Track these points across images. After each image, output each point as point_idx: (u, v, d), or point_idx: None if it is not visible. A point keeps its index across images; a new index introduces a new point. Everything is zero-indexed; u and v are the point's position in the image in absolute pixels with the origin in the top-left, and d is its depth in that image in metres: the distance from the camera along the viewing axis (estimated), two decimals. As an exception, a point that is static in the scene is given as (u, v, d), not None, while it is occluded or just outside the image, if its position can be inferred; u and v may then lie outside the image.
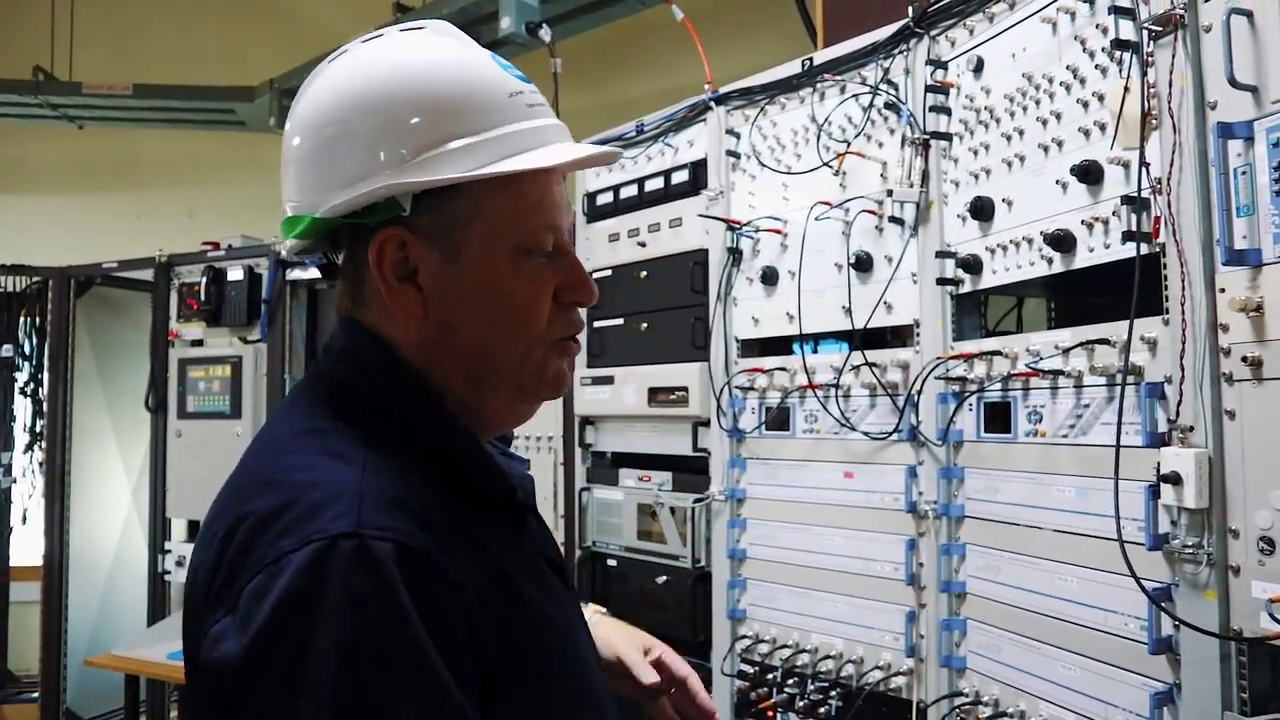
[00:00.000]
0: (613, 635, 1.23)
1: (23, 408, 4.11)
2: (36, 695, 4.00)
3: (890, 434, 1.93)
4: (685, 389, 2.43)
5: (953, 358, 1.81)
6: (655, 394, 2.51)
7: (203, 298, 3.56)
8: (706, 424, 2.39)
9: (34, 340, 4.08)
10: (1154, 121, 1.40)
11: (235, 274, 3.53)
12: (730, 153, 2.37)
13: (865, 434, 1.99)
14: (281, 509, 0.72)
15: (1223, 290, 1.30)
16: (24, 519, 4.09)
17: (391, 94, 0.86)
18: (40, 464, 4.04)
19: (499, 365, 0.90)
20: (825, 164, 2.09)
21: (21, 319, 4.09)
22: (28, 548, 4.14)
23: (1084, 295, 1.93)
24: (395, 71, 0.87)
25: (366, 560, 0.68)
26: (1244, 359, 1.26)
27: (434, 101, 0.86)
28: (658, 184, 2.57)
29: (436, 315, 0.88)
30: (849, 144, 2.05)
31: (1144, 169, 1.40)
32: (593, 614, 1.23)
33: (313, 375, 0.95)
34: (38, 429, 4.06)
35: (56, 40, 4.65)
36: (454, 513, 0.81)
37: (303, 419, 0.86)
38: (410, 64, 0.88)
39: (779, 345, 2.27)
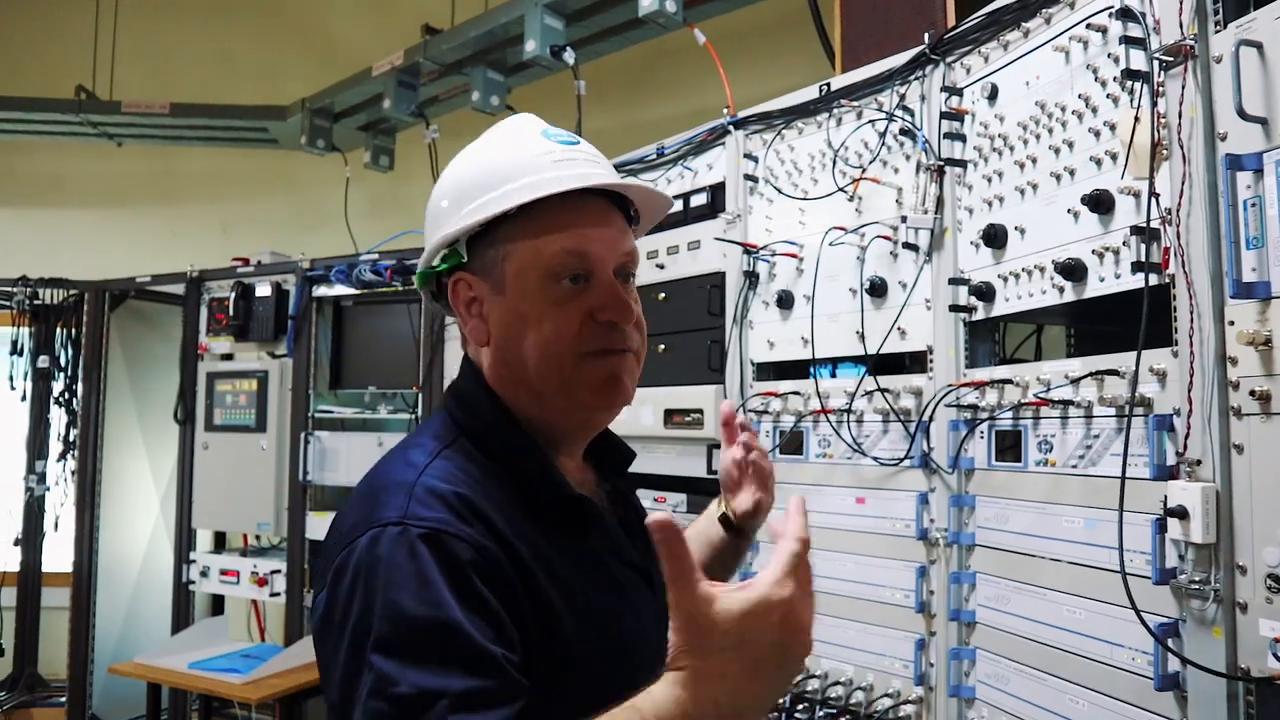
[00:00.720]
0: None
1: (57, 417, 4.19)
2: (64, 700, 4.07)
3: (901, 460, 1.93)
4: (701, 411, 2.44)
5: (964, 385, 1.81)
6: (671, 415, 2.52)
7: (231, 313, 3.63)
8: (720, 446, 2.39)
9: (69, 352, 4.17)
10: (1164, 152, 1.39)
11: (263, 290, 3.59)
12: (748, 176, 2.38)
13: (876, 460, 1.98)
14: (361, 514, 0.93)
15: (1231, 323, 1.29)
16: (56, 526, 4.17)
17: (452, 173, 1.10)
18: (73, 472, 4.13)
19: (545, 380, 1.03)
20: (840, 189, 2.09)
21: (58, 331, 4.19)
22: (60, 554, 4.22)
23: (1103, 323, 1.91)
24: (468, 156, 1.11)
25: (404, 540, 0.87)
26: (1252, 393, 1.25)
27: (476, 169, 1.08)
28: (677, 207, 2.59)
29: (496, 340, 1.06)
30: (863, 170, 2.06)
31: (1154, 199, 1.39)
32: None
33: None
34: (71, 438, 4.14)
35: (98, 60, 4.77)
36: (505, 503, 0.96)
37: (413, 435, 1.09)
38: (472, 147, 1.12)
39: (796, 369, 2.27)
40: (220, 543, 3.96)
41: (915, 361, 2.03)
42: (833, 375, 2.22)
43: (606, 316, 1.02)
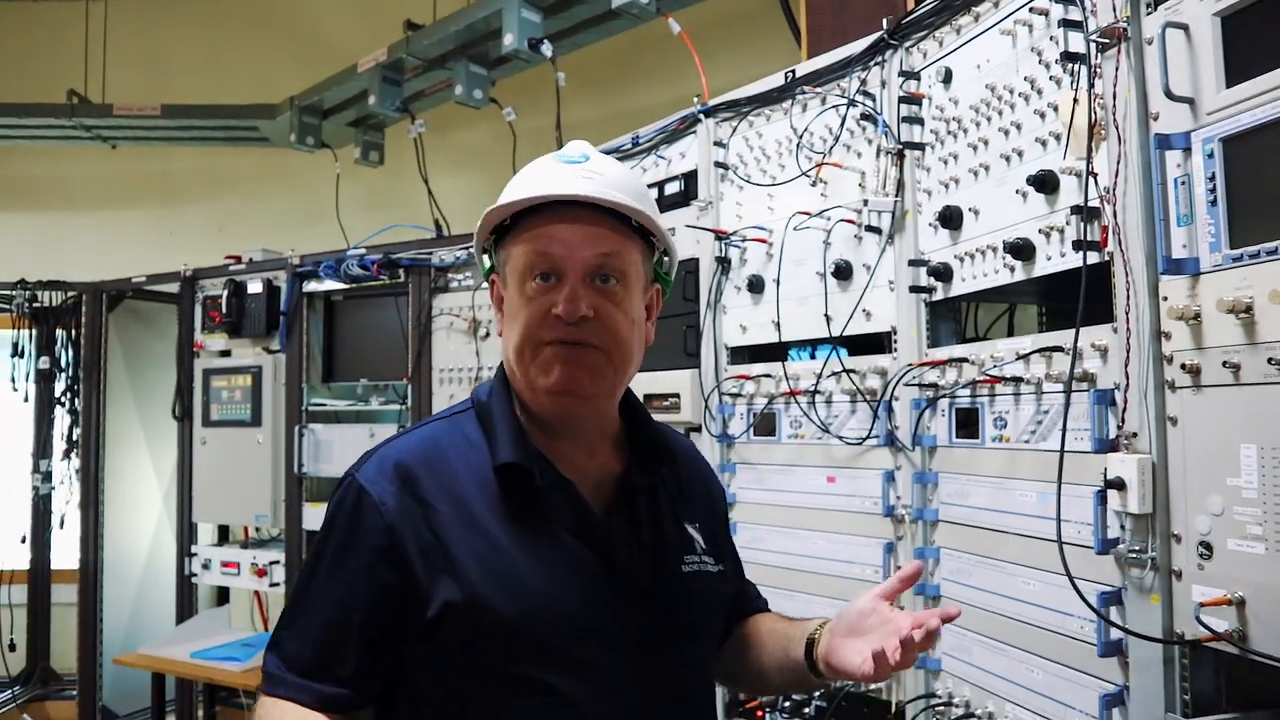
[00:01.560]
0: (835, 627, 1.22)
1: (60, 417, 4.26)
2: (76, 693, 4.16)
3: (865, 439, 1.97)
4: (677, 395, 2.48)
5: (924, 364, 1.84)
6: (649, 400, 2.56)
7: (224, 310, 3.68)
8: (698, 429, 2.43)
9: (70, 352, 4.23)
10: (1102, 132, 1.43)
11: (255, 287, 3.64)
12: (718, 164, 2.41)
13: (841, 439, 2.02)
14: (359, 459, 1.20)
15: (1165, 299, 1.32)
16: (62, 524, 4.24)
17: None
18: (77, 471, 4.20)
19: (516, 359, 1.16)
20: (804, 174, 2.13)
21: (58, 332, 4.25)
22: (67, 551, 4.30)
23: (1070, 301, 1.94)
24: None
25: (348, 490, 1.15)
26: (1183, 366, 1.28)
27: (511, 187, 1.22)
28: (651, 195, 2.62)
29: (503, 330, 1.21)
30: (824, 155, 2.09)
31: (1092, 179, 1.42)
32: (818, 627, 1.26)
33: None
34: (74, 437, 4.21)
35: (90, 65, 4.82)
36: (461, 469, 1.15)
37: (441, 411, 1.31)
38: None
39: (771, 352, 2.30)
40: (224, 535, 4.03)
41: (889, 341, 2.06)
42: (812, 357, 2.26)
43: (557, 311, 1.12)
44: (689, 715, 1.21)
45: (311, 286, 3.61)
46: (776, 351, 2.27)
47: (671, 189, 2.57)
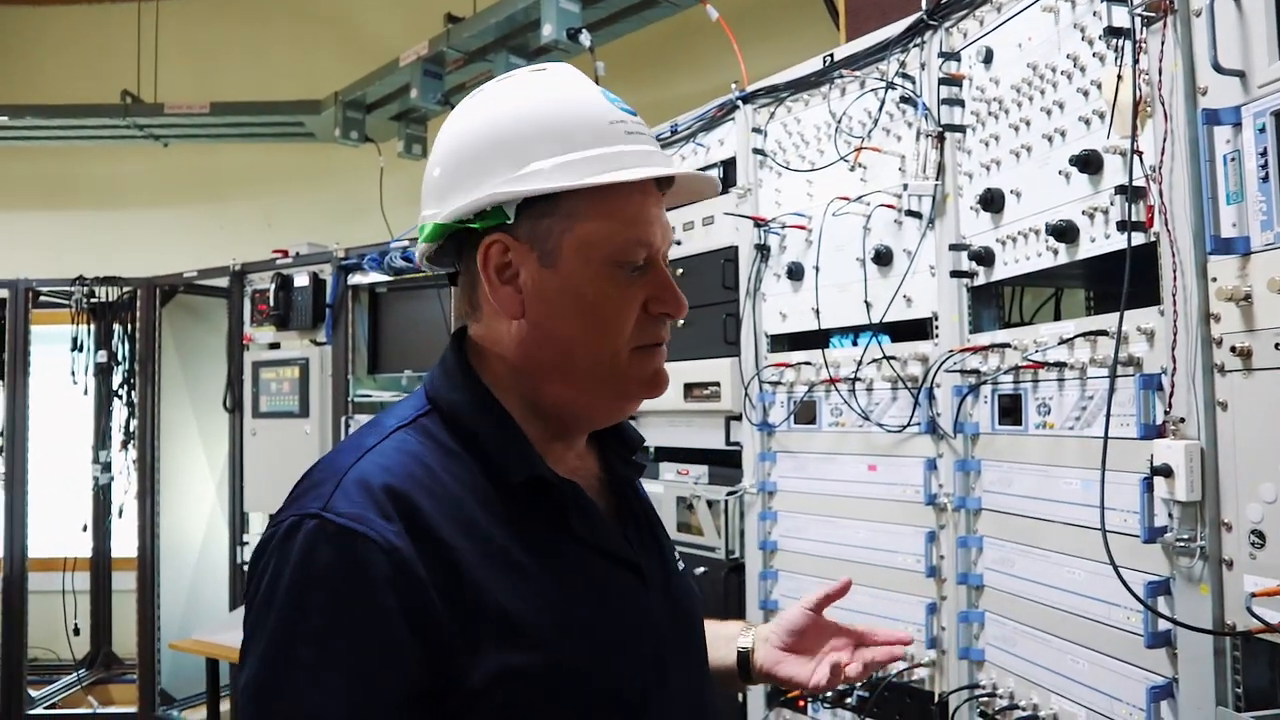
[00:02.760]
0: (768, 633, 1.27)
1: (117, 409, 4.38)
2: (136, 677, 4.29)
3: (906, 426, 1.94)
4: (718, 384, 2.47)
5: (965, 350, 1.81)
6: (690, 389, 2.56)
7: (272, 303, 3.75)
8: (738, 418, 2.43)
9: (126, 346, 4.35)
10: (1147, 109, 1.38)
11: (301, 280, 3.71)
12: (757, 150, 2.39)
13: (881, 426, 2.00)
14: (293, 497, 0.92)
15: (1214, 279, 1.28)
16: (120, 513, 4.37)
17: (509, 121, 0.98)
18: (134, 462, 4.32)
19: (589, 365, 0.98)
20: (843, 159, 2.10)
21: (115, 327, 4.37)
22: (126, 539, 4.44)
23: (1118, 284, 1.89)
24: (514, 103, 0.99)
25: (319, 539, 0.85)
26: (1234, 349, 1.24)
27: (540, 125, 0.97)
28: (689, 183, 2.61)
29: (533, 315, 0.97)
30: (863, 140, 2.06)
31: (1137, 157, 1.38)
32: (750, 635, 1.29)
33: None
34: (131, 429, 4.33)
35: (142, 65, 4.94)
36: (458, 489, 0.92)
37: (384, 412, 1.04)
38: (526, 96, 1.00)
39: (812, 339, 2.28)
40: (274, 525, 4.11)
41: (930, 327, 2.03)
42: (853, 344, 2.23)
43: (662, 309, 0.99)
44: None
45: (356, 279, 3.66)
46: (816, 339, 2.24)
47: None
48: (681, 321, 1.06)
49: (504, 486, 0.94)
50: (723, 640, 1.27)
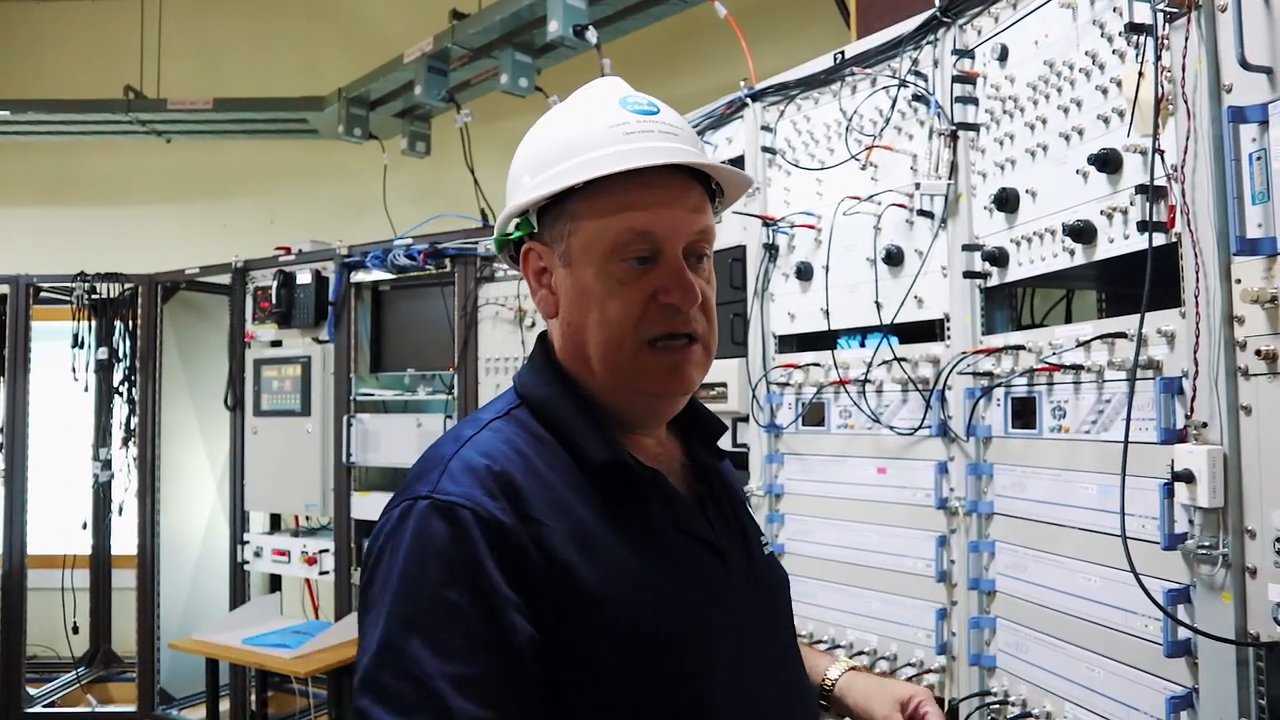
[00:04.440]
0: (869, 690, 1.23)
1: (118, 406, 4.36)
2: (135, 675, 4.27)
3: (917, 429, 1.91)
4: (724, 385, 2.44)
5: (979, 352, 1.78)
6: (697, 389, 2.52)
7: (274, 300, 3.73)
8: (745, 419, 2.40)
9: (127, 343, 4.32)
10: (1169, 107, 1.36)
11: (304, 277, 3.68)
12: (766, 149, 2.36)
13: (892, 429, 1.97)
14: (403, 487, 0.98)
15: (1238, 281, 1.25)
16: (120, 511, 4.34)
17: (534, 138, 1.08)
18: (134, 459, 4.29)
19: (602, 358, 1.01)
20: (853, 157, 2.07)
21: (116, 324, 4.34)
22: (126, 537, 4.41)
23: (1130, 285, 1.87)
24: (543, 121, 1.09)
25: (431, 515, 0.91)
26: (1259, 352, 1.22)
27: (549, 139, 1.06)
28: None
29: (563, 314, 1.05)
30: (874, 138, 2.03)
31: (1158, 156, 1.36)
32: (845, 670, 1.26)
33: None
34: (131, 426, 4.30)
35: (145, 60, 4.91)
36: (550, 475, 0.97)
37: (482, 408, 1.10)
38: (554, 114, 1.10)
39: (820, 340, 2.25)
40: (275, 524, 4.09)
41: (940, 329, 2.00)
42: (862, 345, 2.20)
43: (669, 300, 0.99)
44: (810, 710, 1.16)
45: (359, 277, 3.63)
46: (825, 340, 2.22)
47: (717, 175, 2.52)
48: (712, 322, 1.04)
49: (588, 471, 0.99)
50: (815, 672, 1.26)
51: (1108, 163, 1.48)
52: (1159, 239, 1.36)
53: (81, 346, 4.31)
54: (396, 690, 0.84)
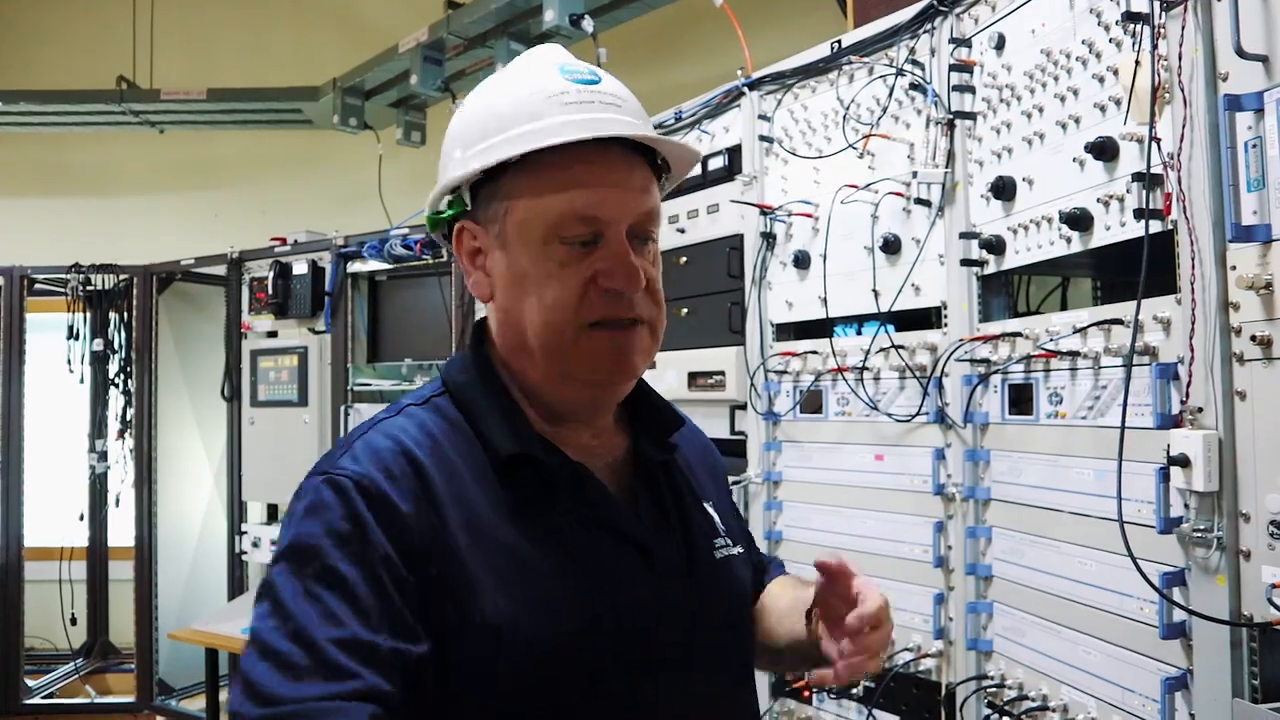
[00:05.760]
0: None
1: (114, 398, 4.35)
2: (134, 666, 4.28)
3: (915, 416, 1.93)
4: (722, 373, 2.46)
5: (975, 339, 1.80)
6: (695, 378, 2.54)
7: (270, 291, 3.72)
8: (743, 407, 2.41)
9: (122, 335, 4.32)
10: (1166, 95, 1.37)
11: (300, 268, 3.68)
12: (763, 137, 2.37)
13: (889, 416, 1.98)
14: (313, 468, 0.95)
15: (1233, 267, 1.27)
16: (117, 502, 4.35)
17: (461, 114, 1.02)
18: (131, 451, 4.29)
19: (540, 344, 0.96)
20: (850, 146, 2.08)
21: (111, 315, 4.33)
22: (123, 529, 4.41)
23: (1125, 273, 1.88)
24: (477, 93, 1.03)
25: (324, 489, 0.89)
26: (1254, 338, 1.23)
27: (482, 109, 0.99)
28: (695, 170, 2.58)
29: (498, 298, 1.00)
30: (872, 127, 2.04)
31: (1155, 144, 1.37)
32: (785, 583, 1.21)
33: None
34: (128, 418, 4.30)
35: (138, 50, 4.88)
36: (458, 463, 0.94)
37: (405, 397, 1.05)
38: (480, 87, 1.03)
39: (817, 328, 2.26)
40: (273, 514, 4.10)
41: (941, 318, 2.02)
42: (859, 332, 2.22)
43: (611, 284, 0.93)
44: None
45: (355, 267, 3.64)
46: (823, 328, 2.23)
47: (715, 164, 2.53)
48: (661, 306, 1.00)
49: (497, 461, 0.95)
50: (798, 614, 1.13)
51: (1104, 151, 1.49)
52: (1155, 226, 1.37)
53: (77, 338, 4.31)
54: (287, 654, 0.80)
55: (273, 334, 3.92)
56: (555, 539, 0.94)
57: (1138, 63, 1.39)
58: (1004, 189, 1.74)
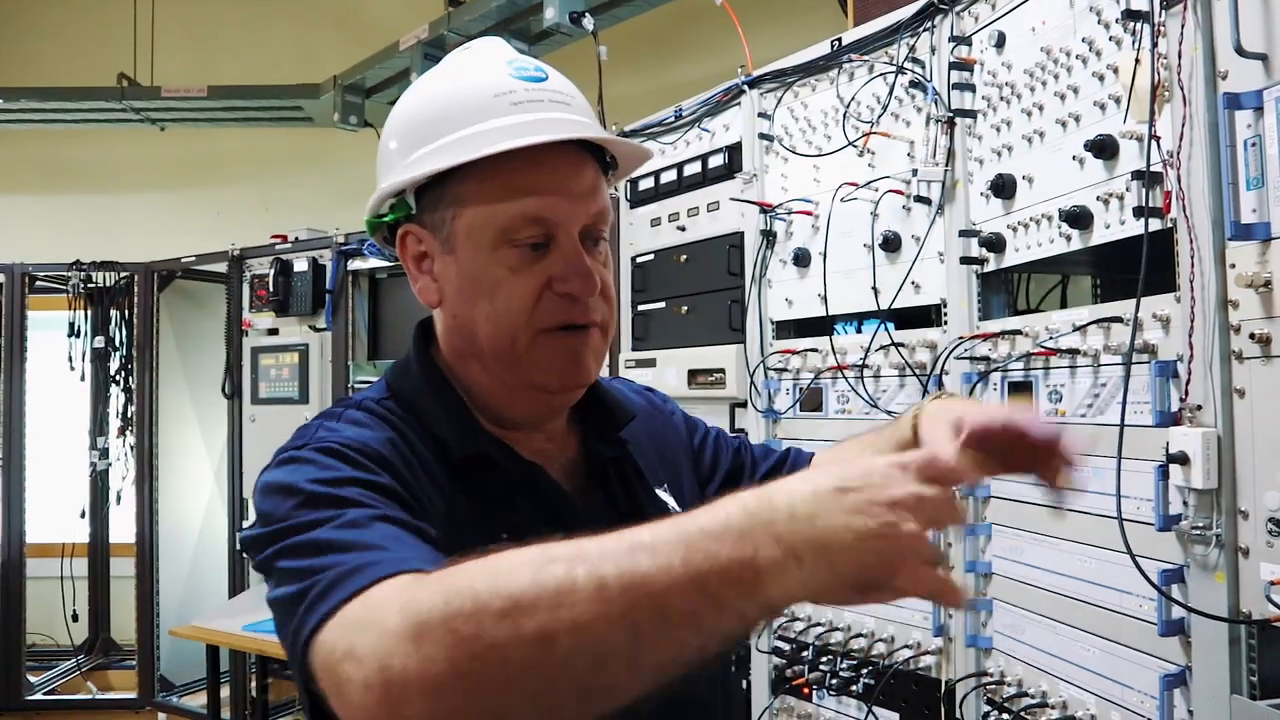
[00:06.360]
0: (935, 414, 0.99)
1: (115, 395, 4.36)
2: (135, 663, 4.29)
3: (915, 414, 1.93)
4: (722, 370, 2.46)
5: (975, 337, 1.80)
6: (695, 376, 2.54)
7: (271, 289, 3.73)
8: (743, 405, 2.41)
9: (123, 332, 4.33)
10: (1165, 94, 1.37)
11: (301, 265, 3.69)
12: (763, 135, 2.37)
13: (889, 414, 1.99)
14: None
15: (1232, 265, 1.27)
16: (119, 499, 4.35)
17: (402, 109, 0.98)
18: (131, 448, 4.30)
19: (493, 351, 0.94)
20: (851, 144, 2.08)
21: (112, 312, 4.34)
22: (124, 526, 4.42)
23: (1125, 270, 1.89)
24: (414, 90, 0.99)
25: (305, 450, 0.84)
26: (1253, 336, 1.23)
27: (424, 109, 0.96)
28: (695, 168, 2.59)
29: (447, 303, 0.97)
30: (872, 125, 2.04)
31: (1154, 143, 1.37)
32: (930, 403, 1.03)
33: None
34: (129, 415, 4.31)
35: (138, 47, 4.88)
36: (414, 463, 0.90)
37: (342, 402, 1.01)
38: (420, 82, 1.00)
39: (817, 326, 2.26)
40: (273, 512, 4.10)
41: (940, 315, 2.02)
42: (859, 330, 2.22)
43: (566, 289, 0.92)
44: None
45: (356, 264, 3.65)
46: (823, 325, 2.23)
47: (715, 162, 2.53)
48: (612, 307, 0.98)
49: (448, 463, 0.92)
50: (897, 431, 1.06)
51: (1104, 149, 1.49)
52: (1155, 224, 1.38)
53: (78, 335, 4.32)
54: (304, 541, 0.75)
55: (273, 331, 3.93)
56: (512, 541, 0.91)
57: (1137, 61, 1.39)
58: (1004, 187, 1.74)
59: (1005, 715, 1.71)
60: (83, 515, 4.51)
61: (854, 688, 2.05)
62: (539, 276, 0.92)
